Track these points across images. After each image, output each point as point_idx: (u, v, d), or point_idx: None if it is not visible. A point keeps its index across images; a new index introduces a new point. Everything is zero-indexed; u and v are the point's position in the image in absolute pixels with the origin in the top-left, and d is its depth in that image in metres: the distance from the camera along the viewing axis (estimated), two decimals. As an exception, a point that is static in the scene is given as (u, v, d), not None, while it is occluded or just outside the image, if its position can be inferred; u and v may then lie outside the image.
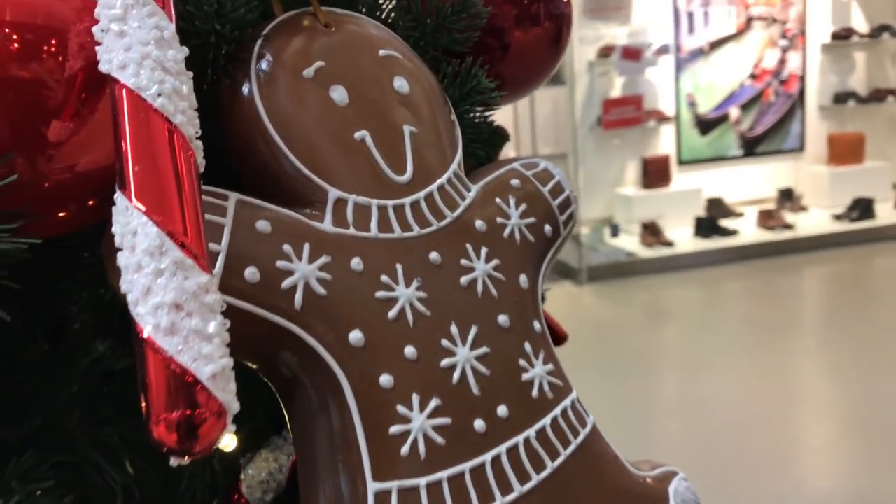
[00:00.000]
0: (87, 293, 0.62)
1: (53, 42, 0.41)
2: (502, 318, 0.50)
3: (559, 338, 0.90)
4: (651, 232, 4.76)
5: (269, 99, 0.48)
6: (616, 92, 4.91)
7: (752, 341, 3.51)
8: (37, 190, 0.42)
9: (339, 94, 0.50)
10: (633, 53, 4.71)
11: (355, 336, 0.44)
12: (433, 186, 0.51)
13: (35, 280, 0.53)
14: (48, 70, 0.41)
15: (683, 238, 4.81)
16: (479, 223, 0.53)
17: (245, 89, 0.48)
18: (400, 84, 0.53)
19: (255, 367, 0.45)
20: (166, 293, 0.33)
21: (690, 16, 5.08)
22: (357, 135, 0.50)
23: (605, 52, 4.85)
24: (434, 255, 0.49)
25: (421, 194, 0.51)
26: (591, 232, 4.73)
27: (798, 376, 3.11)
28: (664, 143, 5.14)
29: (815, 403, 2.86)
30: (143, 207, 0.35)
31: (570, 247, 4.64)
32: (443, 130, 0.55)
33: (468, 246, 0.51)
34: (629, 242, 4.77)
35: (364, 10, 0.61)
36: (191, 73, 0.39)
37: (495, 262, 0.52)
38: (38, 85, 0.41)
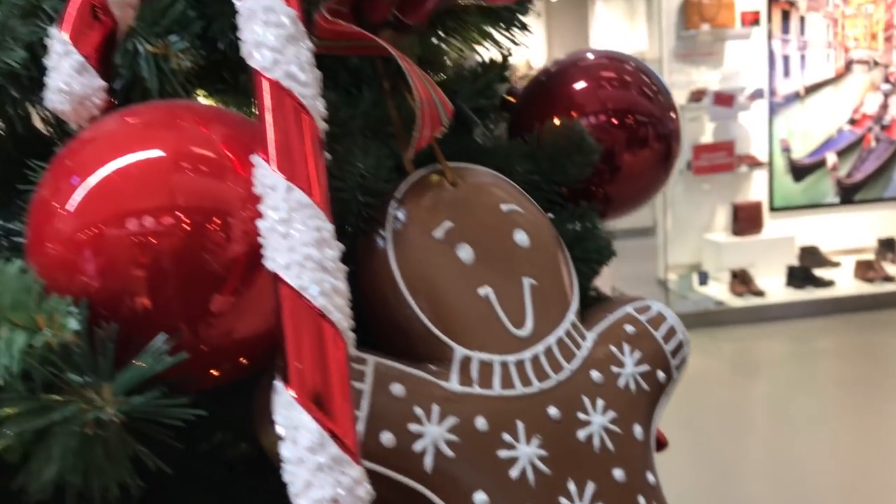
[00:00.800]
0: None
1: (221, 225, 0.45)
2: (618, 473, 0.52)
3: (659, 444, 0.90)
4: (741, 280, 4.63)
5: (402, 259, 0.52)
6: (707, 137, 4.82)
7: (848, 402, 3.36)
8: (195, 354, 0.46)
9: (465, 252, 0.53)
10: (725, 99, 4.63)
11: (480, 498, 0.47)
12: (552, 339, 0.54)
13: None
14: (215, 250, 0.45)
15: (775, 288, 4.65)
16: (595, 374, 0.55)
17: (380, 249, 0.52)
18: (521, 238, 0.56)
19: (387, 521, 0.48)
20: (325, 489, 0.37)
21: (786, 59, 4.96)
22: (481, 292, 0.53)
23: (696, 96, 4.78)
24: (553, 411, 0.52)
25: (540, 348, 0.53)
26: (679, 279, 4.63)
27: (899, 442, 2.96)
28: (756, 188, 5.01)
29: (918, 473, 2.71)
30: (305, 405, 0.38)
31: (658, 292, 4.57)
32: (560, 280, 0.57)
33: (585, 398, 0.53)
34: (718, 291, 4.65)
35: (483, 145, 0.65)
36: (346, 268, 0.42)
37: (611, 414, 0.54)
38: (205, 263, 0.45)
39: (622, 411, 0.54)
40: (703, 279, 4.71)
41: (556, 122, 0.73)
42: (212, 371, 0.49)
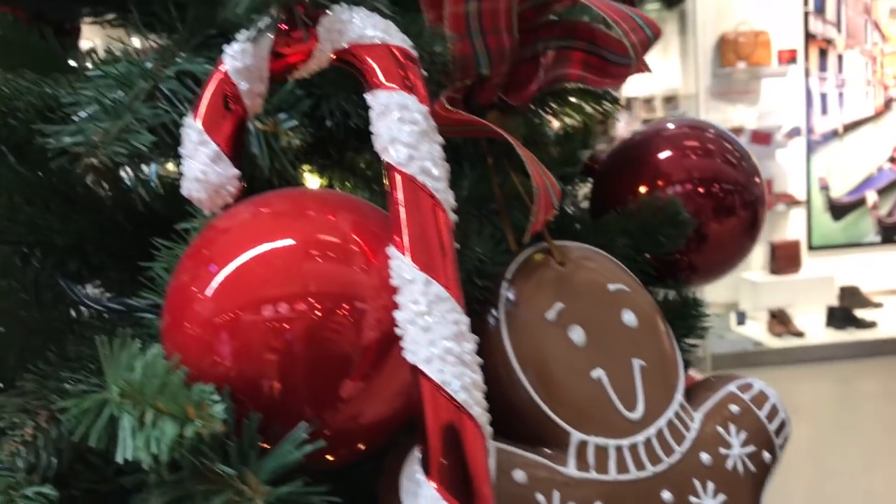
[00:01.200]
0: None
1: (353, 312, 0.46)
2: (731, 558, 0.52)
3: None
4: (780, 320, 4.57)
5: (517, 342, 0.53)
6: (743, 175, 4.80)
7: (893, 446, 3.28)
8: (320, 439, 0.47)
9: (577, 334, 0.54)
10: (762, 138, 4.62)
11: (602, 586, 0.47)
12: (662, 422, 0.54)
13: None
14: (347, 337, 0.46)
15: (815, 328, 4.58)
16: (704, 457, 0.55)
17: (493, 330, 0.53)
18: (629, 318, 0.56)
19: None
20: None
21: (824, 97, 4.95)
22: (594, 374, 0.53)
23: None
24: (666, 495, 0.52)
25: (652, 431, 0.54)
26: (716, 318, 4.58)
27: (949, 491, 2.88)
28: (794, 227, 4.96)
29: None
30: (449, 500, 0.39)
31: (693, 332, 4.51)
32: (667, 360, 0.58)
33: (696, 482, 0.53)
34: (756, 331, 4.59)
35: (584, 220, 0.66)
36: (481, 360, 0.43)
37: (721, 497, 0.54)
38: (336, 349, 0.46)
39: (731, 494, 0.54)
40: (741, 319, 4.66)
41: (646, 192, 0.75)
42: (329, 456, 0.49)
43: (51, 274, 0.57)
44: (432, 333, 0.42)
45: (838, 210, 4.95)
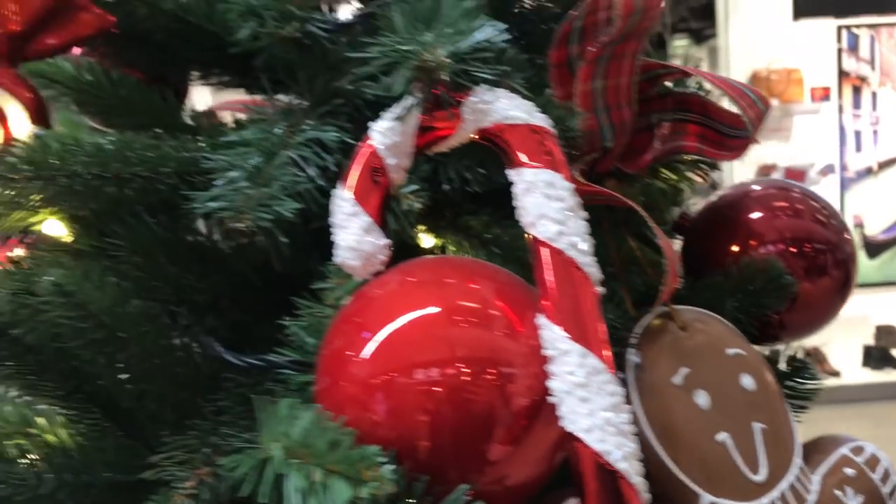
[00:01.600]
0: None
1: (501, 378, 0.49)
2: None
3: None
4: (815, 359, 4.52)
5: (648, 406, 0.55)
6: (777, 212, 4.79)
7: (937, 492, 3.21)
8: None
9: (702, 398, 0.56)
10: (796, 175, 4.63)
11: None
12: (784, 484, 0.56)
13: None
14: (495, 400, 0.49)
15: (851, 368, 4.53)
16: (826, 521, 0.56)
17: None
18: (747, 382, 0.58)
19: None
20: None
21: (857, 134, 4.95)
22: (719, 437, 0.55)
23: (765, 171, 4.78)
24: (793, 559, 0.53)
25: (775, 494, 0.55)
26: (750, 356, 4.55)
27: None
28: (828, 264, 4.92)
29: None
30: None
31: (727, 370, 4.47)
32: (784, 422, 0.59)
33: (819, 546, 0.55)
34: (791, 369, 4.55)
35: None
36: (636, 430, 0.46)
37: (844, 562, 0.55)
38: (483, 412, 0.49)
39: (853, 558, 0.56)
40: (776, 357, 4.62)
41: (739, 251, 0.76)
42: None
43: (195, 331, 0.60)
44: (591, 404, 0.45)
45: (873, 248, 4.92)
